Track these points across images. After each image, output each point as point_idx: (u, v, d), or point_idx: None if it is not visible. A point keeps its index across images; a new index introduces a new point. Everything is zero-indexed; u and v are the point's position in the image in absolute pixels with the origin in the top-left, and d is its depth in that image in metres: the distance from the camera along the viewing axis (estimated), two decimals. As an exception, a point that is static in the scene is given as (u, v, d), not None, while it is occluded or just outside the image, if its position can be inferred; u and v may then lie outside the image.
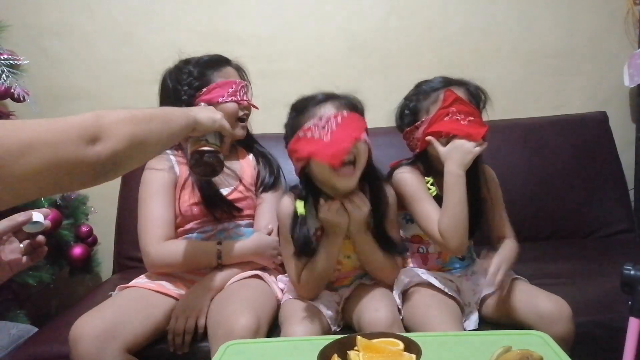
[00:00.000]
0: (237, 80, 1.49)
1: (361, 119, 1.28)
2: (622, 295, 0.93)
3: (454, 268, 1.45)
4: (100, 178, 0.76)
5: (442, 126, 1.29)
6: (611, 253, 1.80)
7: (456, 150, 1.27)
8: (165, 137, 0.94)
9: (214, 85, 1.45)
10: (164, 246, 1.42)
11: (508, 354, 0.87)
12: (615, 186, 2.04)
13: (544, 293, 1.27)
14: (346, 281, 1.41)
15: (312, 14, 2.19)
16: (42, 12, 2.17)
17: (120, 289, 1.43)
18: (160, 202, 1.45)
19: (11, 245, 1.06)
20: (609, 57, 2.21)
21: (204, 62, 1.49)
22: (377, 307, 1.24)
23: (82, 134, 0.71)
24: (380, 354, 0.88)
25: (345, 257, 1.38)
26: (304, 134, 1.22)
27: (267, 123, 1.56)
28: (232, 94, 1.45)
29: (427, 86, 1.38)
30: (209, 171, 1.23)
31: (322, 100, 1.25)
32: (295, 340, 1.13)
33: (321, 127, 1.20)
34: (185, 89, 1.45)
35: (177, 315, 1.30)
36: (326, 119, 1.20)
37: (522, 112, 2.15)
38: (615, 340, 0.95)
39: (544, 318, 1.20)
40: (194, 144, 1.21)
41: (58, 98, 2.19)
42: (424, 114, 1.35)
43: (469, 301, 1.36)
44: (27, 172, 0.63)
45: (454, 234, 1.26)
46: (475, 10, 2.19)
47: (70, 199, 1.99)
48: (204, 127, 1.13)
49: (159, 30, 2.17)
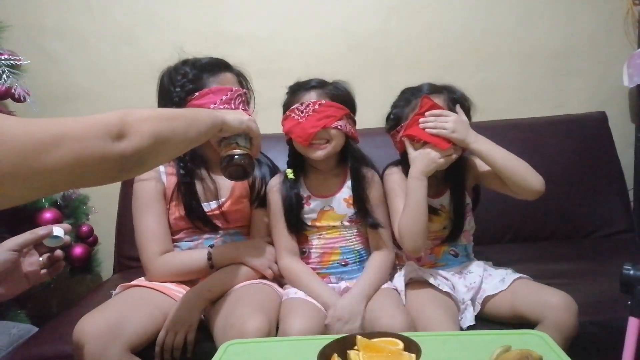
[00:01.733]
0: (234, 88, 1.42)
1: (340, 108, 1.39)
2: (621, 295, 0.93)
3: (448, 264, 1.48)
4: (125, 173, 0.79)
5: (414, 131, 1.38)
6: (610, 253, 1.80)
7: (422, 156, 1.37)
8: (191, 135, 0.95)
9: (207, 90, 1.39)
10: (161, 260, 1.42)
11: (507, 353, 0.88)
12: (614, 186, 2.04)
13: (550, 288, 1.30)
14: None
15: (312, 14, 2.19)
16: (42, 13, 2.17)
17: (122, 288, 1.42)
18: (152, 215, 1.44)
19: (31, 258, 1.07)
20: (609, 57, 2.21)
21: (200, 65, 1.44)
22: (393, 313, 1.25)
23: (108, 130, 0.73)
24: (380, 354, 0.88)
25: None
26: (289, 114, 1.41)
27: (266, 123, 1.55)
28: (225, 101, 1.39)
29: (410, 93, 1.47)
30: (240, 173, 1.22)
31: (309, 88, 1.41)
32: (295, 339, 1.13)
33: (301, 111, 1.38)
34: (177, 90, 1.41)
35: (167, 329, 1.28)
36: (306, 105, 1.38)
37: (522, 112, 2.15)
38: (614, 340, 0.95)
39: (552, 308, 1.22)
40: (225, 147, 1.20)
41: (58, 98, 2.20)
42: (404, 119, 1.44)
43: (463, 298, 1.37)
44: (58, 164, 0.66)
45: (409, 235, 1.35)
46: (475, 10, 2.20)
47: (70, 199, 1.99)
48: (231, 128, 1.12)
49: (159, 30, 2.18)
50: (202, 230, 1.48)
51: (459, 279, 1.43)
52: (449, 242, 1.49)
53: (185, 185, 1.45)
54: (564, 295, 1.25)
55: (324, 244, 1.46)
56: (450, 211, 1.48)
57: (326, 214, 1.46)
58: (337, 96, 1.41)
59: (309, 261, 1.48)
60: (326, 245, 1.46)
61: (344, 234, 1.46)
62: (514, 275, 1.39)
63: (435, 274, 1.42)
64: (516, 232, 2.01)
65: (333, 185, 1.48)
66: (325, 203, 1.47)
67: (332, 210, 1.46)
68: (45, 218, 1.72)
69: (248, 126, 1.18)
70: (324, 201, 1.47)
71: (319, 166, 1.47)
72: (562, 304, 1.23)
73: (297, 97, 1.42)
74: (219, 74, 1.44)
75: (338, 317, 1.28)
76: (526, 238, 2.01)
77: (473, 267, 1.47)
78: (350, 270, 1.47)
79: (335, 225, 1.46)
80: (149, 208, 1.45)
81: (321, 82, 1.43)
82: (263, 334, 1.17)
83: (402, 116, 1.45)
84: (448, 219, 1.49)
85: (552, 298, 1.24)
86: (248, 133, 1.20)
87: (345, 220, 1.46)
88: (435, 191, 1.47)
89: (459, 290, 1.39)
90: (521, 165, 1.36)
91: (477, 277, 1.41)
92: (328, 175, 1.49)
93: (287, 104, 1.44)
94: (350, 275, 1.47)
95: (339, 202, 1.46)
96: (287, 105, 1.44)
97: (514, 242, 2.00)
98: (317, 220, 1.46)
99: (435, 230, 1.48)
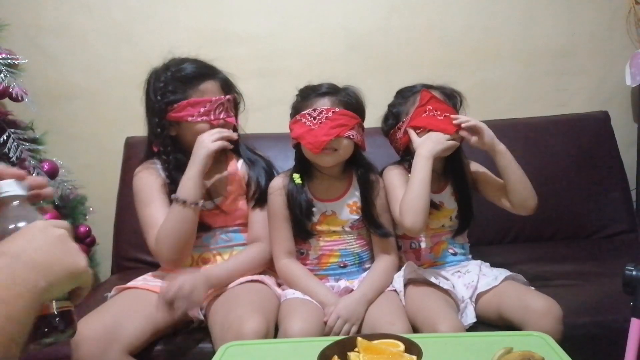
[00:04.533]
0: (213, 98, 1.40)
1: (353, 117, 1.38)
2: (623, 296, 0.93)
3: (447, 262, 1.50)
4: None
5: (420, 121, 1.42)
6: (613, 253, 1.80)
7: (429, 139, 1.40)
8: (12, 329, 0.56)
9: (184, 103, 1.39)
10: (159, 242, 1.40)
11: (509, 355, 0.87)
12: (617, 186, 2.03)
13: (535, 292, 1.30)
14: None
15: (312, 13, 2.18)
16: (40, 12, 2.16)
17: (117, 290, 1.41)
18: (155, 206, 1.43)
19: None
20: (611, 57, 2.20)
21: (180, 76, 1.42)
22: (392, 320, 1.25)
23: None
24: (381, 355, 0.88)
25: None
26: (300, 118, 1.38)
27: (266, 122, 1.55)
28: (203, 113, 1.39)
29: (407, 91, 1.50)
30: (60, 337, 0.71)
31: (322, 94, 1.39)
32: (296, 341, 1.13)
33: (313, 117, 1.36)
34: (158, 99, 1.41)
35: (178, 286, 1.24)
36: (319, 111, 1.35)
37: (523, 112, 2.14)
38: (617, 341, 0.95)
39: (531, 313, 1.21)
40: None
41: (56, 97, 2.18)
42: (404, 115, 1.47)
43: (463, 296, 1.37)
44: None
45: (410, 211, 1.35)
46: (476, 9, 2.19)
47: (68, 199, 1.98)
48: (61, 289, 0.66)
49: (158, 29, 2.17)
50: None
51: (458, 278, 1.43)
52: (460, 233, 1.52)
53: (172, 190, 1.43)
54: (547, 299, 1.24)
55: (322, 246, 1.46)
56: (456, 203, 1.51)
57: (328, 218, 1.45)
58: (350, 104, 1.39)
59: (307, 262, 1.47)
60: (325, 247, 1.46)
61: (344, 237, 1.46)
62: (506, 273, 1.40)
63: (435, 273, 1.42)
64: (517, 233, 2.00)
65: (337, 190, 1.47)
66: (328, 207, 1.46)
67: (334, 215, 1.45)
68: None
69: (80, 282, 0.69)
70: (326, 205, 1.46)
71: (325, 171, 1.46)
72: (544, 309, 1.21)
73: (308, 102, 1.39)
74: (199, 84, 1.42)
75: (338, 315, 1.27)
76: (527, 239, 2.00)
77: (471, 266, 1.47)
78: (349, 272, 1.46)
79: (336, 230, 1.45)
80: (152, 198, 1.44)
81: (334, 87, 1.41)
82: (261, 335, 1.16)
83: (402, 112, 1.47)
84: (447, 218, 1.50)
85: (534, 303, 1.23)
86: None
87: (347, 226, 1.45)
88: (437, 187, 1.48)
89: (458, 289, 1.39)
90: (529, 184, 1.41)
91: (475, 276, 1.42)
92: (333, 180, 1.48)
93: (297, 108, 1.41)
94: (350, 277, 1.46)
95: (342, 207, 1.45)
96: (297, 109, 1.41)
97: (515, 242, 1.99)
98: (317, 224, 1.45)
99: (434, 227, 1.49)
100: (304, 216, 1.42)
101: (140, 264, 1.90)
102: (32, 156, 1.78)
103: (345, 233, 1.46)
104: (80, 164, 2.13)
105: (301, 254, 1.48)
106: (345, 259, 1.45)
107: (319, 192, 1.47)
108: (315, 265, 1.46)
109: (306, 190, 1.45)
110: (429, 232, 1.49)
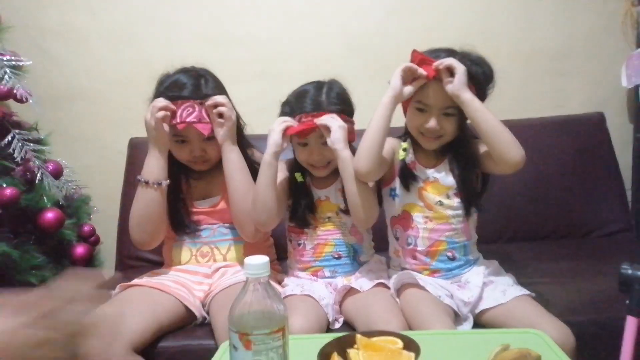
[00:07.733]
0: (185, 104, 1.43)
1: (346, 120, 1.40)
2: (619, 294, 0.93)
3: (442, 270, 1.42)
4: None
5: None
6: (609, 252, 1.81)
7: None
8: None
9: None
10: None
11: (506, 352, 0.88)
12: (612, 186, 2.05)
13: (548, 317, 1.22)
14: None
15: (313, 16, 2.20)
16: (43, 14, 2.18)
17: (121, 288, 1.43)
18: None
19: None
20: (607, 58, 2.22)
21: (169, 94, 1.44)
22: (388, 319, 1.25)
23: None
24: (380, 352, 0.89)
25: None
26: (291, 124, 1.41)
27: (267, 123, 1.56)
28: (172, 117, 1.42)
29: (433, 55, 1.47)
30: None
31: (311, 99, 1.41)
32: (296, 338, 1.13)
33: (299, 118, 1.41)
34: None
35: None
36: (305, 115, 1.40)
37: (520, 113, 2.14)
38: (613, 339, 0.95)
39: None
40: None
41: (60, 99, 2.20)
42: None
43: (461, 310, 1.33)
44: None
45: (364, 154, 1.33)
46: (474, 11, 2.20)
47: (72, 199, 2.00)
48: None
49: (160, 31, 2.18)
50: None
51: (457, 290, 1.37)
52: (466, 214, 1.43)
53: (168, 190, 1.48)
54: (561, 328, 1.17)
55: (319, 235, 1.49)
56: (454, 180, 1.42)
57: (322, 203, 1.51)
58: (341, 110, 1.42)
59: (304, 253, 1.50)
60: (321, 236, 1.49)
61: (339, 226, 1.50)
62: (517, 290, 1.32)
63: (434, 283, 1.37)
64: (514, 231, 2.02)
65: (329, 179, 1.52)
66: (322, 193, 1.51)
67: (327, 200, 1.50)
68: (47, 218, 1.72)
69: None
70: (321, 192, 1.51)
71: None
72: (557, 341, 1.04)
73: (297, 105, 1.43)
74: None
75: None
76: (524, 237, 2.01)
77: (472, 276, 1.40)
78: (344, 264, 1.49)
79: (330, 216, 1.50)
80: None
81: (319, 91, 1.43)
82: None
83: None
84: (444, 194, 1.42)
85: (547, 332, 1.08)
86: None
87: (339, 209, 1.49)
88: (433, 163, 1.44)
89: (458, 301, 1.33)
90: (507, 134, 1.31)
91: (476, 289, 1.35)
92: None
93: (286, 111, 1.45)
94: (345, 269, 1.49)
95: (334, 192, 1.50)
96: (286, 112, 1.44)
97: (512, 241, 2.00)
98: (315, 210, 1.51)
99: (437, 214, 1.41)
100: (306, 207, 1.49)
101: (143, 262, 1.93)
102: (36, 157, 1.79)
103: (339, 221, 1.49)
104: (84, 164, 2.15)
105: (298, 245, 1.51)
106: (339, 249, 1.49)
107: (314, 181, 1.53)
108: (312, 255, 1.49)
109: (309, 186, 1.51)
110: (429, 224, 1.41)
